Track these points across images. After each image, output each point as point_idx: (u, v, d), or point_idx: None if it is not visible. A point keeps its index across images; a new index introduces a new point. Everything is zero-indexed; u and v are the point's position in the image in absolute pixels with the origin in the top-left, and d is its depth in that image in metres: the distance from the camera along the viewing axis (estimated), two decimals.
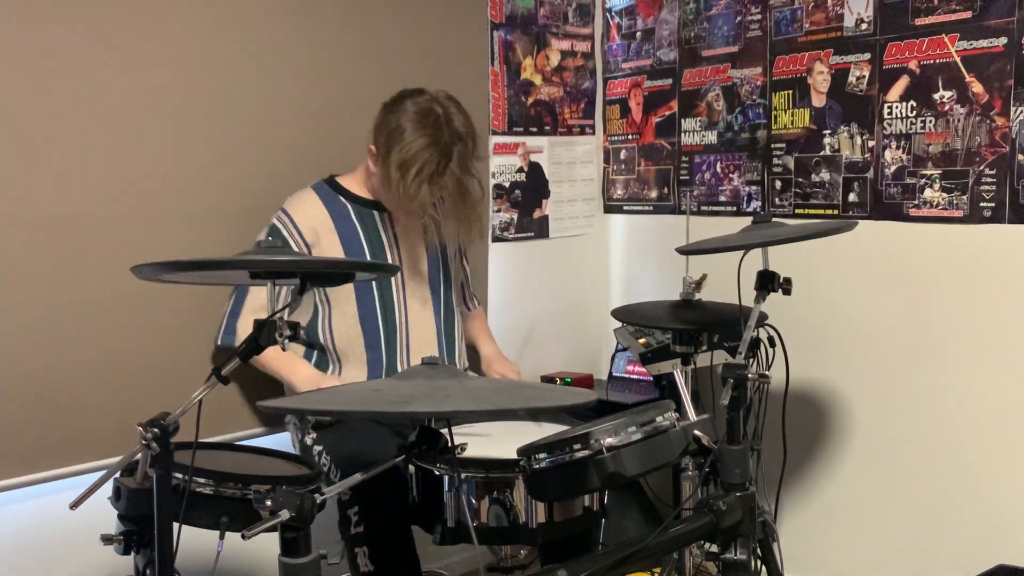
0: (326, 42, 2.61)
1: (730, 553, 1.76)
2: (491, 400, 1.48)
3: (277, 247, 1.68)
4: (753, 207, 3.05)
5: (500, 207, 3.18)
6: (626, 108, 3.41)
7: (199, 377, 1.61)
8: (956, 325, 2.62)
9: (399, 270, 2.40)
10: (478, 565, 2.69)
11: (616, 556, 1.62)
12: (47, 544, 2.31)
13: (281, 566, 1.47)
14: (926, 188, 2.65)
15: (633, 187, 3.43)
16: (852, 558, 2.90)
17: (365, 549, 2.08)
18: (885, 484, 2.80)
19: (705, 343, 2.51)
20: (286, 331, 1.59)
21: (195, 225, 2.41)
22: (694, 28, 3.18)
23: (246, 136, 2.49)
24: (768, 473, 2.47)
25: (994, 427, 2.56)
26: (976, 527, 2.61)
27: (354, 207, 2.42)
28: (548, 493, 1.77)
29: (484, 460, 1.87)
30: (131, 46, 2.30)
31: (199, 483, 1.66)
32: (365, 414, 1.63)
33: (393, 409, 1.45)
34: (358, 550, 2.09)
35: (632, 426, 1.68)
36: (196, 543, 1.69)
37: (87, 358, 2.26)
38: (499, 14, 3.11)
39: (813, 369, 2.92)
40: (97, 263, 2.26)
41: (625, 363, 3.25)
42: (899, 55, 2.66)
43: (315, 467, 1.90)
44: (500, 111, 3.14)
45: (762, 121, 3.01)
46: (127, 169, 2.31)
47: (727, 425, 1.80)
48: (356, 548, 2.09)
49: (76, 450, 2.25)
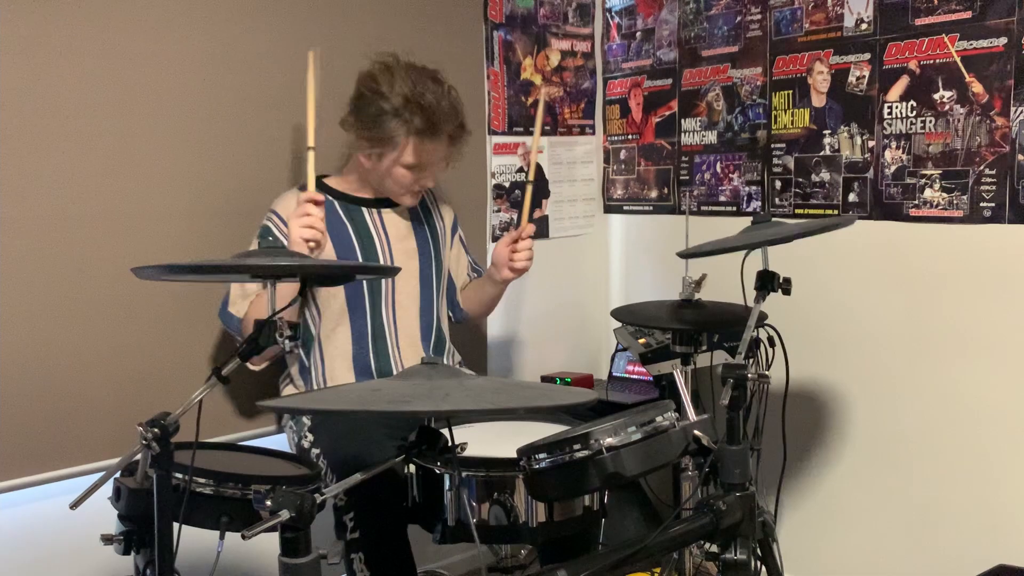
0: (326, 42, 2.61)
1: (730, 553, 1.76)
2: (490, 399, 1.48)
3: (277, 248, 1.68)
4: (753, 207, 3.05)
5: (500, 207, 3.18)
6: (626, 108, 3.41)
7: (199, 377, 1.61)
8: (956, 325, 2.62)
9: (399, 271, 2.41)
10: (479, 564, 2.69)
11: (616, 556, 1.62)
12: (47, 544, 2.31)
13: (281, 566, 1.47)
14: (926, 188, 2.65)
15: (633, 187, 3.43)
16: (852, 558, 2.90)
17: (361, 555, 2.09)
18: (885, 484, 2.80)
19: (705, 343, 2.51)
20: (286, 331, 1.60)
21: (195, 224, 2.41)
22: (694, 28, 3.18)
23: (246, 136, 2.49)
24: (768, 473, 2.47)
25: (994, 427, 2.56)
26: (976, 527, 2.61)
27: (342, 204, 2.42)
28: (548, 493, 1.77)
29: (484, 459, 1.87)
30: (130, 46, 2.30)
31: (199, 483, 1.67)
32: (364, 414, 1.63)
33: (392, 408, 1.45)
34: (354, 556, 2.10)
35: (632, 426, 1.68)
36: (196, 543, 1.69)
37: (87, 358, 2.27)
38: (499, 14, 3.11)
39: (813, 369, 2.93)
40: (97, 263, 2.27)
41: (625, 363, 3.25)
42: (899, 55, 2.66)
43: (315, 467, 1.91)
44: (500, 111, 3.14)
45: (762, 121, 3.01)
46: (127, 169, 2.31)
47: (727, 425, 1.80)
48: (352, 554, 2.10)
49: (76, 450, 2.25)
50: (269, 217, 2.37)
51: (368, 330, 2.39)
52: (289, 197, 2.39)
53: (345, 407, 1.54)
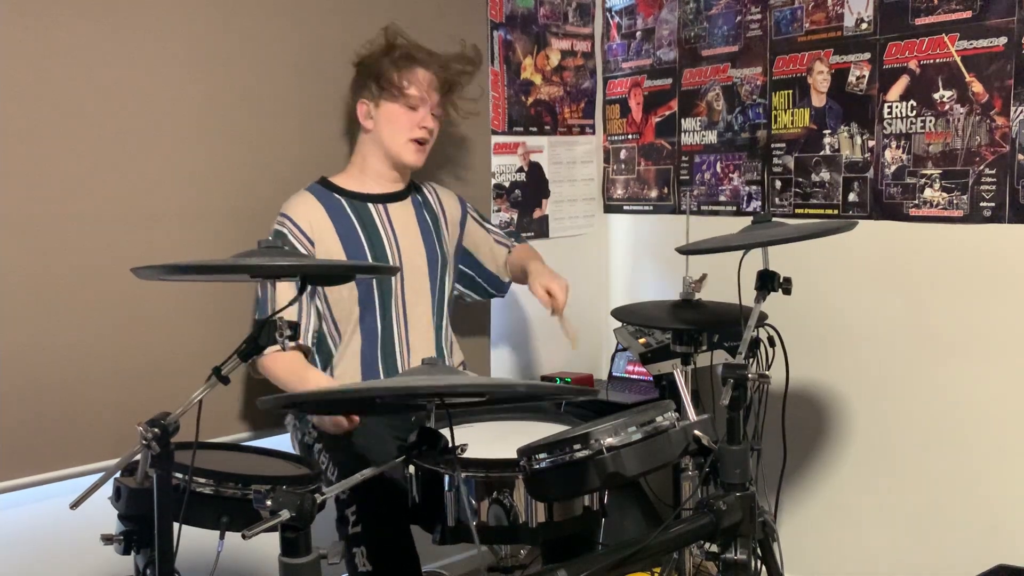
0: (326, 42, 2.61)
1: (730, 553, 1.76)
2: (489, 382, 1.49)
3: (276, 248, 1.68)
4: (753, 207, 3.05)
5: (500, 207, 3.18)
6: (626, 108, 3.41)
7: (199, 377, 1.61)
8: (956, 325, 2.62)
9: (398, 271, 2.41)
10: (478, 564, 2.69)
11: (616, 556, 1.62)
12: (47, 544, 2.31)
13: (281, 566, 1.47)
14: (926, 188, 2.65)
15: (633, 187, 3.43)
16: (852, 558, 2.90)
17: (363, 549, 2.08)
18: (885, 483, 2.80)
19: (705, 343, 2.51)
20: (286, 331, 1.60)
21: (195, 224, 2.41)
22: (694, 28, 3.18)
23: (246, 136, 2.49)
24: (768, 473, 2.47)
25: (994, 427, 2.56)
26: (976, 527, 2.61)
27: (349, 202, 2.42)
28: (548, 493, 1.77)
29: (484, 460, 1.87)
30: (130, 47, 2.30)
31: (199, 483, 1.66)
32: (362, 392, 1.64)
33: (390, 385, 1.45)
34: (356, 550, 2.09)
35: (632, 426, 1.68)
36: (196, 543, 1.69)
37: (87, 358, 2.27)
38: (499, 14, 3.11)
39: (813, 369, 2.93)
40: (97, 263, 2.26)
41: (625, 363, 3.25)
42: (899, 55, 2.66)
43: (315, 467, 1.91)
44: (500, 111, 3.14)
45: (762, 121, 3.01)
46: (127, 169, 2.31)
47: (727, 425, 1.80)
48: (354, 548, 2.09)
49: (76, 450, 2.25)
50: (281, 222, 2.36)
51: (378, 328, 2.39)
52: (299, 199, 2.39)
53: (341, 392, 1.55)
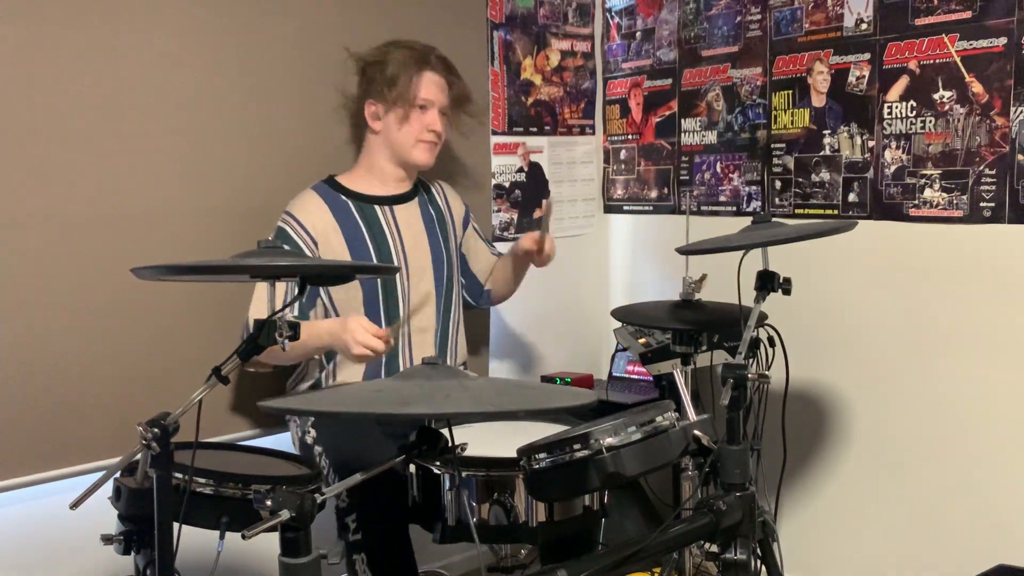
0: (328, 41, 2.61)
1: (730, 553, 1.76)
2: (491, 402, 1.48)
3: (276, 248, 1.68)
4: (753, 207, 3.05)
5: (500, 207, 3.18)
6: (626, 108, 3.41)
7: (199, 377, 1.61)
8: (956, 325, 2.62)
9: (398, 270, 2.41)
10: (479, 564, 2.69)
11: (616, 556, 1.62)
12: (47, 544, 2.31)
13: (281, 566, 1.47)
14: (926, 188, 2.65)
15: (633, 187, 3.43)
16: (852, 558, 2.90)
17: (363, 556, 2.11)
18: (885, 484, 2.80)
19: (705, 343, 2.51)
20: (286, 331, 1.60)
21: (195, 224, 2.41)
22: (694, 28, 3.18)
23: (246, 136, 2.49)
24: (768, 473, 2.47)
25: (994, 427, 2.56)
26: (976, 527, 2.61)
27: (355, 204, 2.42)
28: (548, 493, 1.78)
29: (484, 459, 1.87)
30: (130, 47, 2.30)
31: (199, 483, 1.67)
32: (364, 415, 1.64)
33: (393, 411, 1.45)
34: (356, 557, 2.12)
35: (632, 426, 1.68)
36: (196, 543, 1.69)
37: (87, 358, 2.27)
38: (499, 14, 3.11)
39: (813, 369, 2.93)
40: (97, 263, 2.26)
41: (625, 363, 3.25)
42: (899, 55, 2.66)
43: (315, 467, 1.91)
44: (500, 111, 3.14)
45: (762, 121, 3.01)
46: (127, 169, 2.31)
47: (727, 425, 1.80)
48: (354, 555, 2.12)
49: (76, 450, 2.25)
50: (285, 220, 2.36)
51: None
52: (305, 198, 2.39)
53: (344, 409, 1.54)
